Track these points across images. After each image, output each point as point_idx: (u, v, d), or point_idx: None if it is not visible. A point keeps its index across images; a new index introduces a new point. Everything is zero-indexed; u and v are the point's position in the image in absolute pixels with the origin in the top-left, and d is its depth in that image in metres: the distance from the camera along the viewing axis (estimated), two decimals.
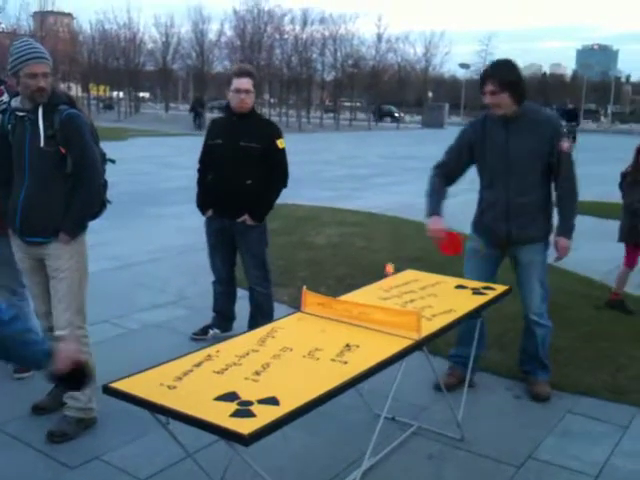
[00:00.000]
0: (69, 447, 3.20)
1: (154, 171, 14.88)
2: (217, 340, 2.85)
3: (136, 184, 12.31)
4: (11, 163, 3.25)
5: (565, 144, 3.68)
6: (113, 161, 3.52)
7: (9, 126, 3.22)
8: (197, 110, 34.63)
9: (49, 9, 48.46)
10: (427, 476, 3.11)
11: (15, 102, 3.21)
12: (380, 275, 3.74)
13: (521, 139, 3.66)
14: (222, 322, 4.76)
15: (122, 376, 2.27)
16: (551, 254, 3.92)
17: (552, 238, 3.87)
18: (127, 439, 3.28)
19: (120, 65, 48.70)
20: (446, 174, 3.91)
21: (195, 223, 8.44)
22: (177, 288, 5.84)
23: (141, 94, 58.23)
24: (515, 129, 3.67)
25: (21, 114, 3.17)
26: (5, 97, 3.55)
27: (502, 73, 3.61)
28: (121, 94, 52.24)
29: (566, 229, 3.80)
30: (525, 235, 3.77)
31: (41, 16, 47.65)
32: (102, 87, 49.38)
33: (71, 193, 3.21)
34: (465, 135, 3.89)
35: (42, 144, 3.11)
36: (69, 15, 60.18)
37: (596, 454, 3.30)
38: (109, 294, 5.30)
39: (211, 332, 4.69)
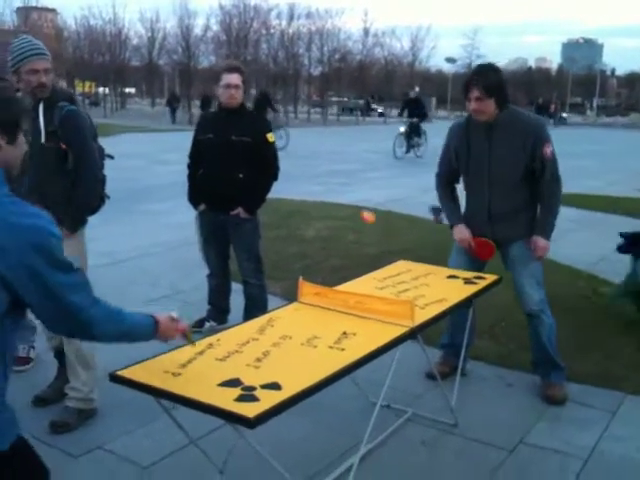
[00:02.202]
0: (71, 437, 3.26)
1: (143, 167, 14.88)
2: (213, 332, 2.91)
3: (125, 181, 12.28)
4: None
5: (548, 149, 3.65)
6: (112, 157, 3.57)
7: None
8: (172, 105, 37.10)
9: (33, 4, 48.18)
10: (422, 461, 3.19)
11: None
12: (373, 267, 3.82)
13: (503, 146, 3.64)
14: (217, 315, 4.83)
15: (122, 367, 2.32)
16: None
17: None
18: (129, 429, 3.34)
19: (106, 61, 48.48)
20: (448, 181, 3.99)
21: (185, 218, 8.48)
22: (170, 282, 5.90)
23: (127, 90, 57.89)
24: (497, 138, 3.65)
25: None
26: None
27: (487, 78, 3.58)
28: (106, 90, 51.96)
29: (545, 229, 3.74)
30: (510, 236, 3.79)
31: (25, 12, 47.33)
32: (87, 83, 49.07)
33: (71, 188, 3.26)
34: (450, 144, 3.90)
35: (43, 140, 3.16)
36: (53, 11, 59.70)
37: (585, 439, 3.40)
38: (102, 290, 5.28)
39: (207, 324, 4.75)
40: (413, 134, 18.70)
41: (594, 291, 5.86)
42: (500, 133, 3.65)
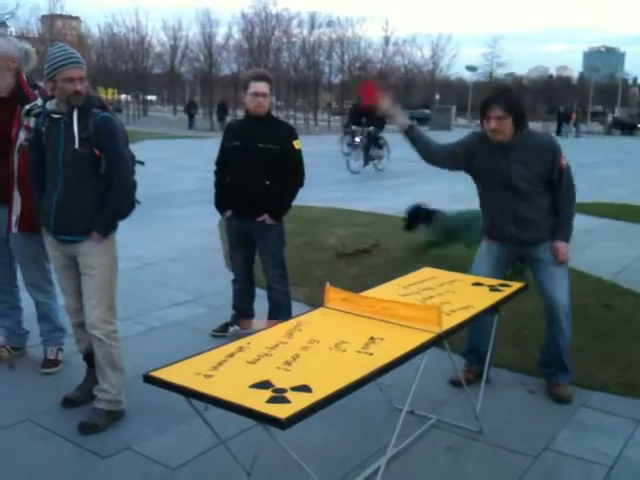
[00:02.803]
0: (100, 438, 3.31)
1: (166, 173, 15.02)
2: (237, 337, 2.95)
3: (149, 187, 12.36)
4: (44, 164, 3.37)
5: (564, 161, 3.78)
6: (142, 163, 3.64)
7: (43, 128, 3.35)
8: (191, 112, 38.94)
9: (57, 12, 48.88)
10: (447, 466, 3.21)
11: (50, 105, 3.34)
12: (395, 274, 3.84)
13: (523, 164, 3.74)
14: (242, 319, 4.88)
15: (150, 369, 2.37)
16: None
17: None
18: (157, 430, 3.39)
19: (128, 68, 49.00)
20: (441, 147, 3.99)
21: (207, 225, 8.65)
22: (195, 287, 5.97)
23: (148, 97, 58.50)
24: (515, 155, 3.74)
25: (56, 116, 3.29)
26: (39, 101, 3.68)
27: (508, 98, 3.74)
28: (128, 97, 52.50)
29: (565, 233, 3.86)
30: (536, 237, 3.86)
31: (50, 19, 48.05)
32: (110, 90, 49.61)
33: (104, 193, 3.33)
34: (471, 141, 3.95)
35: (77, 146, 3.23)
36: (77, 18, 60.59)
37: (610, 446, 3.40)
38: (129, 293, 5.40)
39: (231, 329, 4.80)
40: (372, 145, 16.85)
41: (616, 300, 5.83)
42: (517, 154, 3.74)
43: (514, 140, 3.74)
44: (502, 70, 58.99)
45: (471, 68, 63.73)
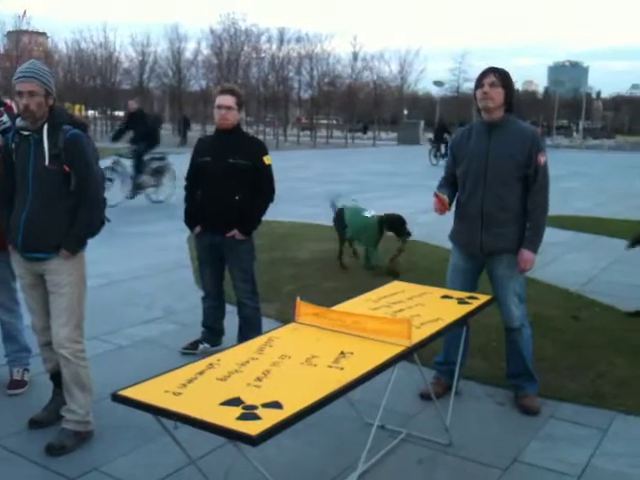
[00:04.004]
0: (67, 459, 3.25)
1: None
2: (207, 354, 2.93)
3: (118, 203, 12.31)
4: (14, 181, 3.33)
5: (542, 158, 3.81)
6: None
7: (13, 145, 3.31)
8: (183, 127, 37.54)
9: (24, 28, 48.34)
10: None
11: (20, 122, 3.31)
12: (366, 288, 3.86)
13: (502, 144, 3.81)
14: (212, 336, 4.85)
15: (119, 388, 2.34)
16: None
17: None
18: (125, 450, 3.35)
19: (96, 84, 48.60)
20: (449, 182, 4.08)
21: (177, 241, 8.60)
22: (164, 304, 5.91)
23: (117, 113, 58.06)
24: (498, 135, 3.83)
25: (25, 133, 3.26)
26: (5, 118, 3.64)
27: (503, 73, 3.82)
28: (96, 113, 52.03)
29: (533, 242, 3.85)
30: (498, 246, 3.86)
31: (16, 35, 47.49)
32: (77, 106, 49.10)
33: (73, 210, 3.30)
34: (452, 145, 4.12)
35: (47, 163, 3.20)
36: (43, 34, 59.97)
37: (578, 456, 3.44)
38: (96, 311, 5.32)
39: (201, 347, 4.76)
40: (140, 167, 12.57)
41: (583, 311, 5.93)
42: (500, 133, 3.83)
43: (500, 121, 3.82)
44: (469, 85, 59.73)
45: (438, 83, 64.50)
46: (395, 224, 7.44)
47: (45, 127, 3.22)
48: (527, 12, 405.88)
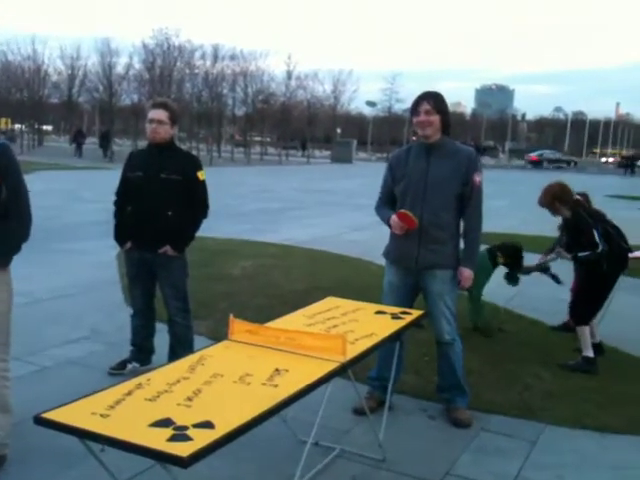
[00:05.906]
0: None
1: (61, 205, 14.46)
2: (135, 374, 2.83)
3: (44, 219, 11.89)
4: None
5: (478, 178, 3.92)
6: None
7: None
8: (78, 141, 38.54)
9: None
10: None
11: None
12: (300, 305, 3.84)
13: (440, 165, 3.90)
14: (141, 355, 4.71)
15: (42, 411, 2.21)
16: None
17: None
18: (47, 475, 3.19)
19: (23, 97, 47.13)
20: (386, 202, 4.12)
21: (106, 258, 8.37)
22: (91, 323, 5.72)
23: (44, 127, 56.35)
24: (436, 156, 3.92)
25: None
26: None
27: (437, 99, 3.91)
28: (23, 127, 50.38)
29: (471, 259, 4.00)
30: (434, 261, 3.93)
31: None
32: (4, 119, 47.38)
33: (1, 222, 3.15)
34: (390, 165, 4.15)
35: None
36: None
37: (509, 468, 3.51)
38: (18, 331, 5.06)
39: (129, 366, 4.62)
40: None
41: (511, 325, 6.08)
42: (438, 155, 3.92)
43: (438, 142, 3.91)
44: (400, 105, 60.97)
45: (371, 103, 65.51)
46: (514, 256, 5.95)
47: None
48: (456, 36, 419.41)
